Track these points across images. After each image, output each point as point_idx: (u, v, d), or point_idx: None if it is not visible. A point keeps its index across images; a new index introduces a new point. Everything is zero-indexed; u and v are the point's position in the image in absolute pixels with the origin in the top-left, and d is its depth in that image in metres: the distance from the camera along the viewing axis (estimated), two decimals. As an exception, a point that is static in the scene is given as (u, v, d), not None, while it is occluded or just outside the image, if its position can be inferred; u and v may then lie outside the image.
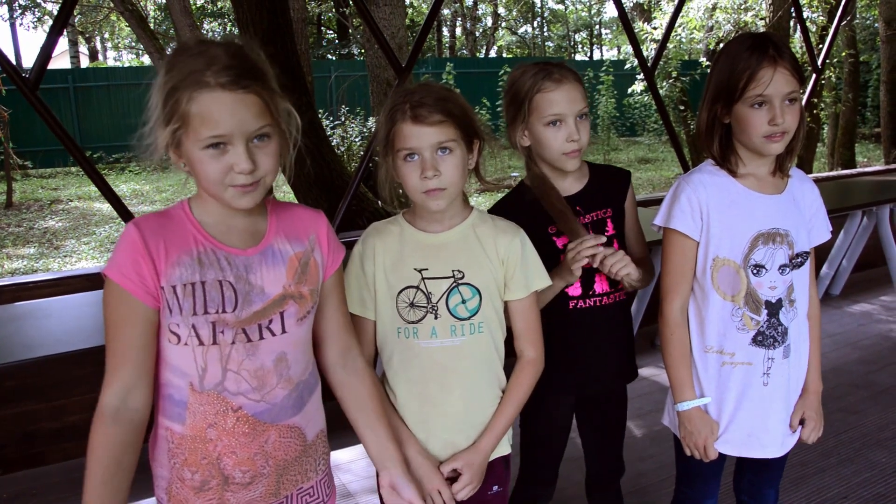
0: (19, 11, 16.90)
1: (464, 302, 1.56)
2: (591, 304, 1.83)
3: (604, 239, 1.72)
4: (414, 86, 1.54)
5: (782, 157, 1.68)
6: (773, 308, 1.69)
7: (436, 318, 1.55)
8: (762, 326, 1.69)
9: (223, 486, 1.32)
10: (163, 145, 1.23)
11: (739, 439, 1.76)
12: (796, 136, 1.65)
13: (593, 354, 1.86)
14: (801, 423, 1.79)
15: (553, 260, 1.77)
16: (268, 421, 1.34)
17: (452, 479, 1.58)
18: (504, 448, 1.67)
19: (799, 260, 1.69)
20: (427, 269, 1.56)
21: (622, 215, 1.88)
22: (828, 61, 8.68)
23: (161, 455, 1.33)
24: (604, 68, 16.15)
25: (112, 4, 13.77)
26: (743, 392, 1.73)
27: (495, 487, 1.66)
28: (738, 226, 1.68)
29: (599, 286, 1.82)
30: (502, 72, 13.89)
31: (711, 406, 1.76)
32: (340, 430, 3.47)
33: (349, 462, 3.06)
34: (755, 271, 1.68)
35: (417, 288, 1.56)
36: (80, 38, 23.92)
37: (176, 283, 1.24)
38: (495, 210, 1.84)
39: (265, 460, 1.34)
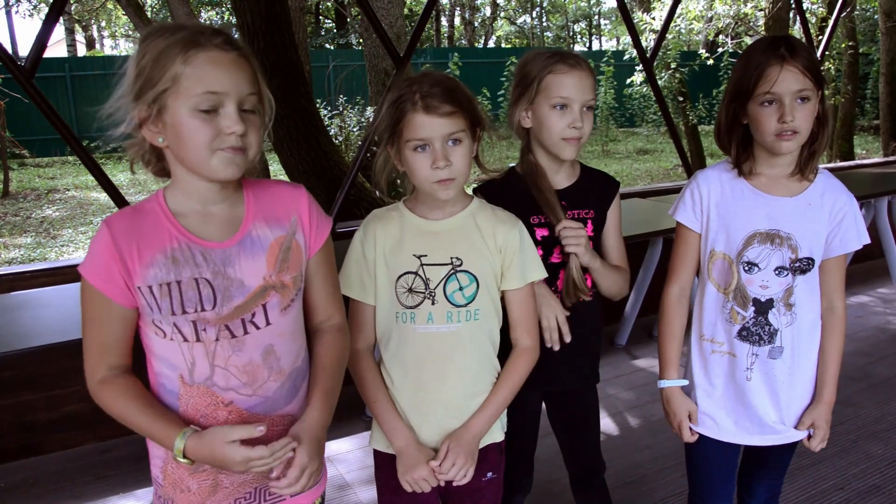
0: (15, -1, 16.80)
1: (461, 289, 1.57)
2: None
3: (582, 230, 1.74)
4: (418, 75, 1.53)
5: (805, 160, 1.68)
6: (762, 307, 1.70)
7: (433, 303, 1.56)
8: (748, 322, 1.71)
9: (217, 469, 1.33)
10: (141, 117, 1.20)
11: (724, 426, 1.79)
12: (819, 137, 1.65)
13: (555, 354, 1.80)
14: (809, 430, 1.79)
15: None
16: (261, 412, 1.34)
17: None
18: (497, 435, 1.67)
19: (800, 265, 1.68)
20: (426, 256, 1.57)
21: (603, 221, 1.88)
22: (827, 53, 8.66)
23: None
24: (605, 59, 16.12)
25: (109, -8, 13.70)
26: (726, 381, 1.76)
27: (490, 474, 1.67)
28: (735, 222, 1.70)
29: (563, 283, 1.81)
30: (509, 62, 13.84)
31: (699, 391, 1.80)
32: (337, 421, 3.47)
33: (346, 452, 3.06)
34: (747, 268, 1.69)
35: (416, 274, 1.57)
36: (77, 27, 23.81)
37: (151, 284, 1.23)
38: (482, 188, 1.84)
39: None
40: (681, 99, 11.68)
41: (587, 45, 35.26)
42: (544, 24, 32.99)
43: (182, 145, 1.20)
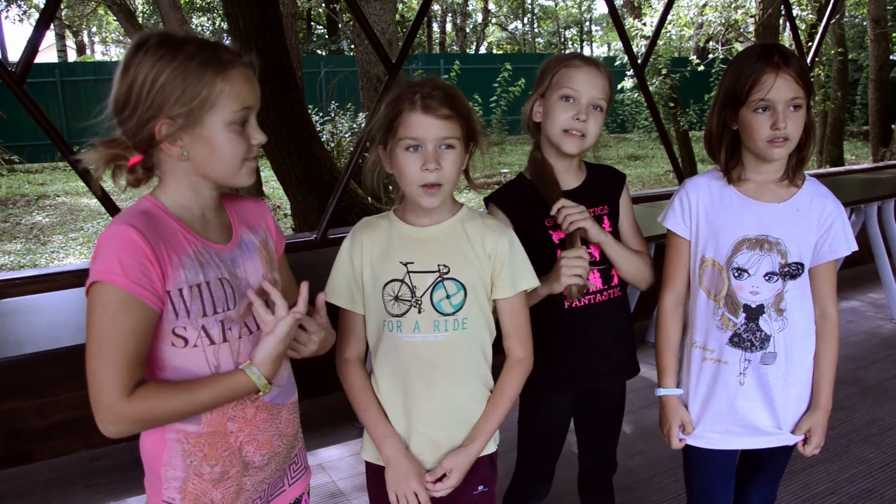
0: (4, 4, 16.72)
1: (448, 297, 1.55)
2: (585, 302, 1.83)
3: (581, 206, 1.74)
4: (420, 79, 1.53)
5: (793, 166, 1.69)
6: (752, 313, 1.71)
7: (419, 312, 1.55)
8: (739, 329, 1.72)
9: (242, 473, 1.35)
10: (161, 131, 1.21)
11: (716, 434, 1.79)
12: (807, 144, 1.67)
13: (589, 353, 1.86)
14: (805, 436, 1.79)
15: (549, 253, 1.78)
16: (280, 403, 1.40)
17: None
18: (489, 447, 1.65)
19: (789, 270, 1.69)
20: (413, 263, 1.56)
21: (618, 214, 1.90)
22: (817, 59, 8.72)
23: (173, 458, 1.30)
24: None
25: (100, -2, 13.64)
26: (718, 389, 1.76)
27: (480, 487, 1.65)
28: (724, 229, 1.71)
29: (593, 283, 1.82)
30: (503, 69, 13.86)
31: (690, 398, 1.81)
32: (330, 428, 3.48)
33: (338, 459, 3.05)
34: (737, 274, 1.70)
35: (402, 281, 1.55)
36: (68, 32, 23.72)
37: (182, 286, 1.22)
38: (494, 196, 1.86)
39: (280, 440, 1.40)
40: (672, 105, 11.72)
41: (579, 51, 35.36)
42: (536, 30, 33.09)
43: (215, 157, 1.26)
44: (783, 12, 7.76)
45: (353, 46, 12.98)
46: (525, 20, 32.46)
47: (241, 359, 1.30)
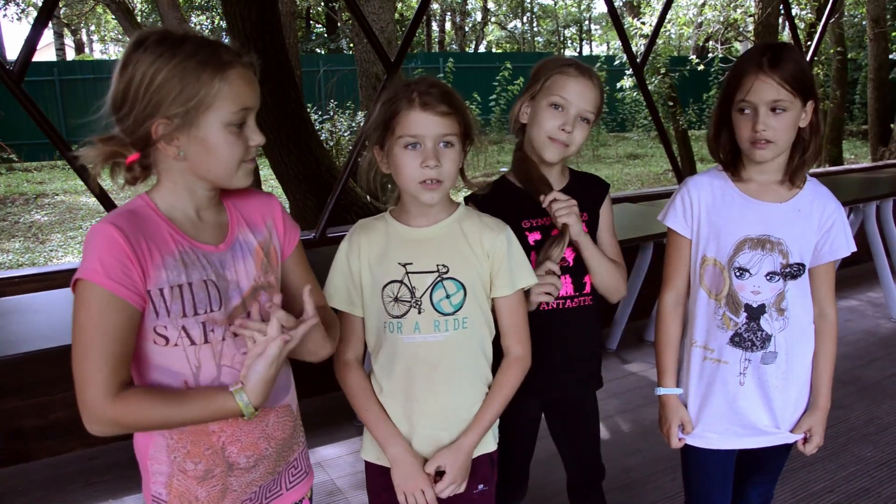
0: (2, 2, 16.70)
1: (448, 297, 1.55)
2: (554, 306, 1.82)
3: (573, 201, 1.72)
4: (416, 78, 1.53)
5: (794, 167, 1.69)
6: (754, 312, 1.71)
7: (419, 312, 1.54)
8: (740, 328, 1.72)
9: (227, 473, 1.34)
10: (158, 131, 1.20)
11: (715, 433, 1.79)
12: (809, 146, 1.67)
13: (556, 357, 1.84)
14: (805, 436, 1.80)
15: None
16: (268, 405, 1.37)
17: (439, 473, 1.57)
18: (489, 445, 1.65)
19: (790, 270, 1.69)
20: (411, 264, 1.55)
21: (597, 222, 1.88)
22: (816, 58, 8.72)
23: (158, 453, 1.31)
24: (598, 64, 16.15)
25: (98, -3, 13.62)
26: (718, 388, 1.76)
27: (481, 486, 1.64)
28: (726, 228, 1.71)
29: (563, 289, 1.81)
30: (503, 67, 13.86)
31: (690, 398, 1.81)
32: (328, 426, 3.48)
33: (337, 457, 3.05)
34: (738, 274, 1.70)
35: (401, 282, 1.55)
36: (66, 30, 23.70)
37: (163, 286, 1.22)
38: (472, 196, 1.83)
39: (267, 442, 1.38)
40: (671, 104, 11.71)
41: (578, 50, 35.38)
42: (535, 29, 33.09)
43: (212, 158, 1.24)
44: (782, 11, 7.76)
45: (352, 45, 12.98)
46: (524, 19, 32.47)
47: (224, 360, 1.29)
